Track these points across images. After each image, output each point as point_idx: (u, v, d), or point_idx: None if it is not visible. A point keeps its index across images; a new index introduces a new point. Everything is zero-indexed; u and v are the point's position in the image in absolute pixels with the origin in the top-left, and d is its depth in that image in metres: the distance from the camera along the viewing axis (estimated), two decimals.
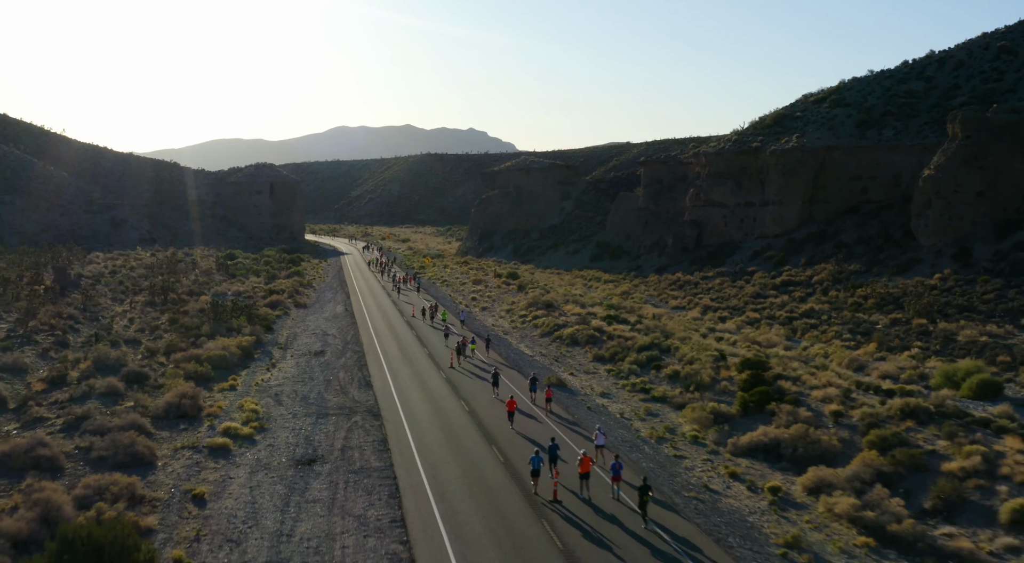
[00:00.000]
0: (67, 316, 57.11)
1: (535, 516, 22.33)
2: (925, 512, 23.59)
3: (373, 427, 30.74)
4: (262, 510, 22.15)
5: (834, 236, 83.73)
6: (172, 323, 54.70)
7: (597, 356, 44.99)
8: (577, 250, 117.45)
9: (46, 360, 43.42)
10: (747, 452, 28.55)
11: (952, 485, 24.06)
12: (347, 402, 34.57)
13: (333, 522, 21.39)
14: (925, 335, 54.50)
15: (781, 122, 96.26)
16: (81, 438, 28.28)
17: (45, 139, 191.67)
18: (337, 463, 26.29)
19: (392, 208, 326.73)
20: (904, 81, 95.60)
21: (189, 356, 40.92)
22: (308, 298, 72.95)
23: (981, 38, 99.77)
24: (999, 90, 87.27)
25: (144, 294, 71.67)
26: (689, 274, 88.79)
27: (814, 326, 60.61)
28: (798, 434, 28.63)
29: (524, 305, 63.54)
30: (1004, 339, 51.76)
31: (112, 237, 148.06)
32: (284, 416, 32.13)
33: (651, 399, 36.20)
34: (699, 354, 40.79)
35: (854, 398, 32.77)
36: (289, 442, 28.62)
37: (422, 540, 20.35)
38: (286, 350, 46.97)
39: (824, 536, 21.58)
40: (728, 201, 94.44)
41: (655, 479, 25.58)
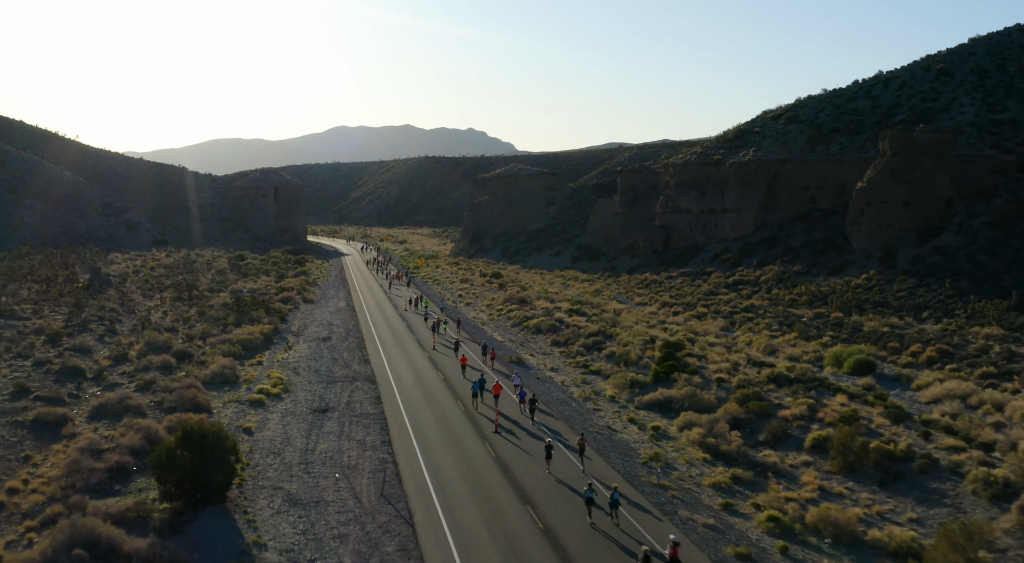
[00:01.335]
0: (109, 309, 66.97)
1: (468, 421, 34.22)
2: (759, 442, 33.43)
3: (370, 389, 40.62)
4: (292, 437, 32.00)
5: (784, 240, 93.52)
6: (201, 315, 64.55)
7: (555, 341, 54.86)
8: (560, 252, 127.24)
9: (103, 344, 53.18)
10: (647, 406, 38.40)
11: (780, 424, 33.92)
12: (350, 373, 44.46)
13: (342, 443, 31.25)
14: (839, 326, 64.28)
15: (742, 136, 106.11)
16: (153, 395, 38.09)
17: (61, 145, 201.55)
18: (343, 411, 36.15)
19: (391, 210, 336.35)
20: (853, 99, 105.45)
21: (222, 340, 50.78)
22: (314, 294, 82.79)
23: (924, 60, 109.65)
24: (935, 109, 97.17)
25: (170, 291, 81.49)
26: (656, 274, 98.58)
27: (750, 319, 70.38)
28: (687, 394, 38.45)
29: (502, 300, 73.44)
30: (902, 329, 61.61)
31: (127, 239, 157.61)
32: (302, 382, 41.99)
33: (589, 372, 46.08)
34: (633, 339, 50.65)
35: (739, 370, 42.61)
36: (307, 398, 38.48)
37: (401, 450, 30.36)
38: (299, 336, 56.81)
39: (678, 454, 31.44)
40: (693, 208, 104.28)
41: (574, 423, 35.39)
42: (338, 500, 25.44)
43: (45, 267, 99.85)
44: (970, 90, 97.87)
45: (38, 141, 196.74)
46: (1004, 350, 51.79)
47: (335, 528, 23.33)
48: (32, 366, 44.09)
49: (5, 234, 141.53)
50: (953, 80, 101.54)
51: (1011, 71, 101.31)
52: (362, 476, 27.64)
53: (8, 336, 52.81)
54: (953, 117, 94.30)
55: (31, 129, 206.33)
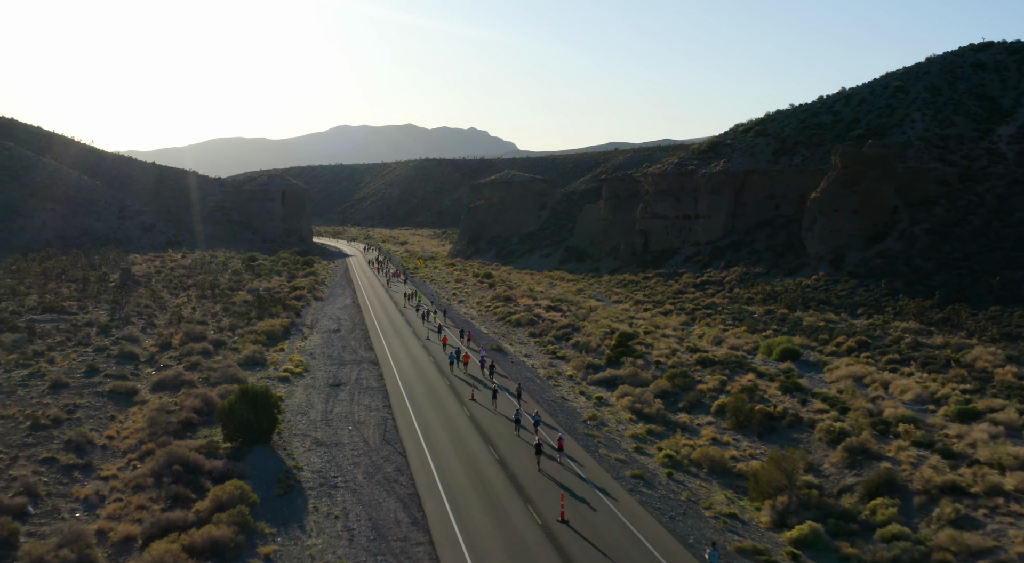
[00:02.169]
0: (144, 305, 76.36)
1: (445, 381, 44.26)
2: (679, 408, 42.68)
3: (373, 369, 49.97)
4: (314, 403, 41.33)
5: (750, 244, 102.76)
6: (225, 310, 73.89)
7: (531, 333, 64.20)
8: (550, 253, 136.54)
9: (146, 334, 62.46)
10: (597, 383, 47.71)
11: (696, 395, 43.21)
12: (357, 357, 53.80)
13: (352, 407, 40.58)
14: (783, 321, 73.49)
15: (714, 148, 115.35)
16: (200, 373, 47.41)
17: (77, 149, 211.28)
18: (353, 385, 45.49)
19: (392, 211, 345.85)
20: (816, 114, 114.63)
21: (248, 331, 60.13)
22: (323, 293, 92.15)
23: (884, 77, 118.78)
24: (890, 124, 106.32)
25: (193, 289, 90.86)
26: (634, 275, 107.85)
27: (709, 315, 79.60)
28: (629, 373, 47.73)
29: (490, 298, 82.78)
30: (835, 324, 70.73)
31: (142, 240, 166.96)
32: (318, 364, 51.33)
33: (556, 358, 55.39)
34: (595, 331, 59.95)
35: (676, 355, 51.89)
36: (324, 376, 47.82)
37: (398, 411, 39.85)
38: (312, 328, 66.14)
39: (612, 416, 40.73)
40: (669, 214, 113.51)
41: (534, 396, 44.65)
42: (351, 443, 34.78)
43: (74, 268, 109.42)
44: (922, 107, 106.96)
45: (55, 146, 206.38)
46: (913, 341, 61.02)
47: (350, 459, 32.65)
48: (94, 352, 53.43)
49: (29, 236, 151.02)
50: (908, 97, 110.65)
51: (961, 89, 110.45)
52: (368, 428, 36.99)
53: (65, 328, 62.26)
54: (905, 132, 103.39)
55: (48, 134, 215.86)
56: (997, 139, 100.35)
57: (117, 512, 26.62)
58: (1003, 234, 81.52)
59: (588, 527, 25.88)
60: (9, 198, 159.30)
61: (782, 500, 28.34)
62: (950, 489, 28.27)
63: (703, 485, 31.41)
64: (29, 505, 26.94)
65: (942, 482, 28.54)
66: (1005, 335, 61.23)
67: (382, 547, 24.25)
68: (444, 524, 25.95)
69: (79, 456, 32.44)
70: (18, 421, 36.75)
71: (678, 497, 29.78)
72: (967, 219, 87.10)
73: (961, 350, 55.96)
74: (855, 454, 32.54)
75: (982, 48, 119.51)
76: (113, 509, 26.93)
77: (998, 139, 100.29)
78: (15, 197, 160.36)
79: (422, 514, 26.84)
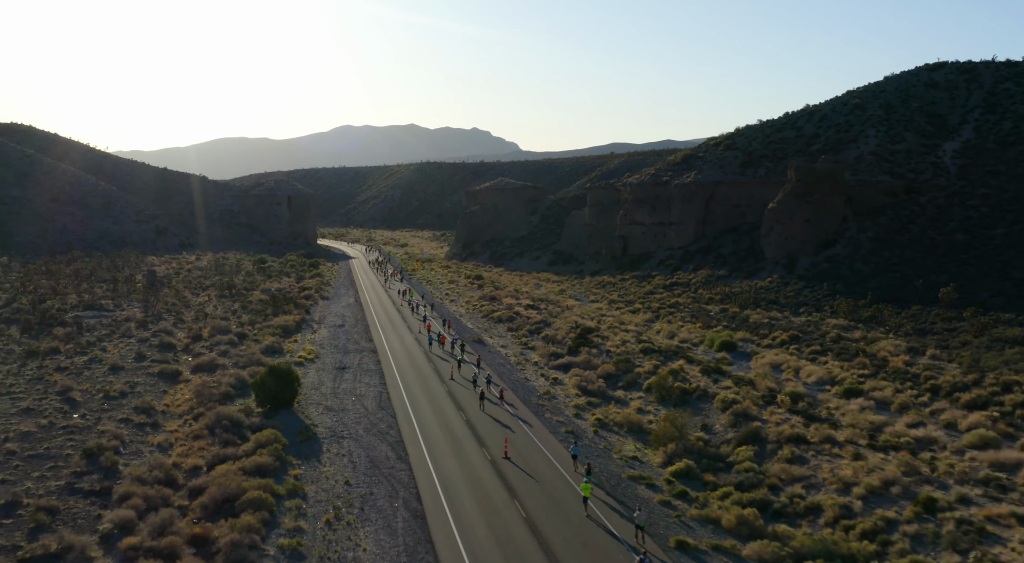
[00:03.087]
0: (171, 304, 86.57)
1: (431, 365, 53.88)
2: (618, 386, 52.74)
3: (373, 356, 60.17)
4: (324, 381, 51.50)
5: (717, 249, 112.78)
6: (243, 308, 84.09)
7: (509, 327, 74.35)
8: (539, 256, 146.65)
9: (178, 328, 72.63)
10: (556, 368, 57.82)
11: (633, 376, 53.30)
12: (359, 347, 64.00)
13: (355, 384, 50.77)
14: (733, 318, 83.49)
15: (688, 161, 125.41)
16: (230, 359, 57.58)
17: (94, 156, 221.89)
18: (356, 368, 55.66)
19: (394, 213, 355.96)
20: (781, 130, 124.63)
21: (266, 325, 70.33)
22: (328, 293, 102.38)
23: (845, 95, 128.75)
24: (846, 139, 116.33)
25: (212, 289, 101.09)
26: (613, 276, 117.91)
27: (671, 312, 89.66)
28: (584, 359, 57.82)
29: (477, 298, 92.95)
30: (777, 320, 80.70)
31: (157, 243, 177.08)
32: (327, 352, 61.51)
33: (527, 348, 65.56)
34: (563, 325, 70.08)
35: (626, 345, 61.99)
36: (331, 361, 58.00)
37: (391, 387, 50.07)
38: (320, 324, 76.34)
39: (562, 393, 50.87)
40: (646, 221, 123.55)
41: (502, 376, 54.72)
42: (354, 409, 44.98)
43: (100, 269, 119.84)
44: (876, 123, 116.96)
45: (72, 152, 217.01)
46: (836, 335, 70.94)
47: (353, 420, 42.83)
48: (137, 342, 63.66)
49: (52, 239, 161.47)
50: (864, 114, 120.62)
51: (913, 107, 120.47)
52: (368, 399, 47.19)
53: (107, 323, 72.55)
54: (859, 147, 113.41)
55: (65, 141, 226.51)
56: (942, 153, 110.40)
57: (184, 452, 36.76)
58: (937, 241, 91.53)
59: (523, 462, 36.08)
60: (32, 203, 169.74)
61: (672, 447, 38.42)
62: (795, 439, 38.37)
63: (620, 439, 41.54)
64: (120, 447, 37.10)
65: (790, 434, 38.65)
66: (918, 331, 71.19)
67: (376, 473, 34.42)
68: (420, 459, 36.15)
69: (147, 417, 42.65)
70: (93, 394, 46.99)
71: (598, 446, 39.93)
72: (908, 227, 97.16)
73: (872, 343, 66.06)
74: (738, 417, 42.64)
75: (936, 68, 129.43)
76: (180, 450, 37.08)
77: (943, 153, 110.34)
78: (37, 202, 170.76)
79: (405, 454, 37.04)
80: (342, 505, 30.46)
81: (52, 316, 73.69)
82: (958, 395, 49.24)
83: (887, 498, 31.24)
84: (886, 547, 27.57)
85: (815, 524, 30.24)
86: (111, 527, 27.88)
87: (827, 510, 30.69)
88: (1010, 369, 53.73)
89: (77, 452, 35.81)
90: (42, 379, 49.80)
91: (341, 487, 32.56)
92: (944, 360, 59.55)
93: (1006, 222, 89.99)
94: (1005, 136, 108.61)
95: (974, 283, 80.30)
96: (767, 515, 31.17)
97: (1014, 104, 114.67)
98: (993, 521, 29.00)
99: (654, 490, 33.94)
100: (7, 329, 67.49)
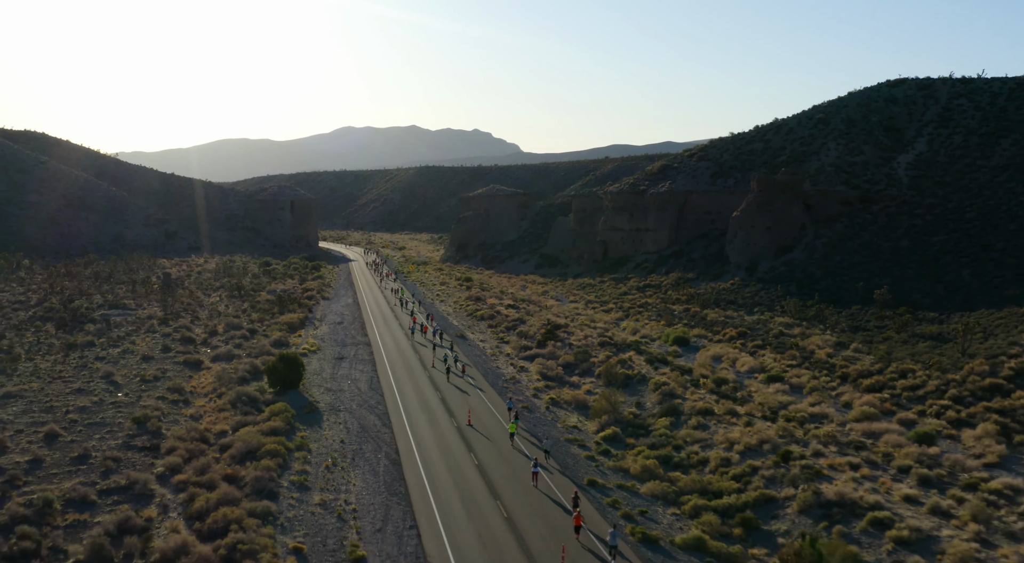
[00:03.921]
0: (187, 303, 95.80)
1: (417, 356, 62.90)
2: (575, 372, 61.84)
3: (367, 349, 69.41)
4: (325, 368, 60.77)
5: (688, 254, 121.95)
6: (252, 307, 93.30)
7: (490, 324, 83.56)
8: (527, 260, 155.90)
9: (195, 324, 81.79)
10: (525, 358, 67.00)
11: (588, 364, 62.41)
12: (355, 341, 73.25)
13: (351, 371, 60.04)
14: (693, 317, 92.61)
15: (663, 171, 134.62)
16: (244, 350, 66.79)
17: (104, 161, 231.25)
18: (352, 358, 64.91)
19: (394, 216, 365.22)
20: (750, 142, 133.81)
21: (273, 322, 79.56)
22: (329, 293, 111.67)
23: (811, 110, 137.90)
24: (809, 152, 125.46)
25: (222, 291, 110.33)
26: (593, 279, 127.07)
27: (640, 312, 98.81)
28: (549, 351, 66.98)
29: (464, 298, 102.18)
30: (732, 319, 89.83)
31: (166, 246, 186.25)
32: (327, 345, 70.74)
33: (503, 342, 74.75)
34: (536, 322, 79.31)
35: (587, 339, 71.18)
36: (331, 353, 67.24)
37: (381, 373, 59.45)
38: (322, 321, 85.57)
39: (526, 378, 60.09)
40: (625, 226, 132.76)
41: (478, 366, 63.84)
42: (349, 390, 54.18)
43: (117, 272, 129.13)
44: (837, 137, 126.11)
45: (84, 158, 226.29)
46: (778, 331, 79.97)
47: (348, 398, 52.04)
48: (161, 336, 72.87)
49: (67, 242, 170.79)
50: (827, 128, 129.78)
51: (873, 121, 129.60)
52: (361, 382, 56.43)
53: (131, 320, 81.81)
54: (820, 159, 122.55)
55: (78, 148, 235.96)
56: (896, 165, 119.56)
57: (212, 420, 45.94)
58: (883, 247, 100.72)
59: (483, 427, 45.33)
60: (49, 209, 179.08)
61: (605, 418, 47.59)
62: (704, 412, 47.56)
63: (567, 414, 50.76)
64: (160, 417, 46.29)
65: (701, 408, 47.85)
66: (853, 328, 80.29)
67: (365, 435, 43.64)
68: (401, 426, 45.43)
69: (179, 395, 51.88)
70: (131, 378, 56.22)
71: (547, 418, 49.16)
72: (859, 234, 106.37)
73: (807, 338, 75.21)
74: (665, 396, 51.83)
75: (896, 84, 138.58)
76: (209, 419, 46.26)
77: (897, 166, 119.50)
78: (53, 207, 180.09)
79: (389, 422, 46.30)
80: (338, 456, 39.69)
81: (82, 314, 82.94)
82: (862, 381, 58.60)
83: (759, 453, 40.41)
84: (746, 485, 36.71)
85: (702, 471, 39.40)
86: (163, 469, 37.07)
87: (712, 461, 39.86)
88: (914, 360, 63.05)
89: (127, 420, 45.02)
90: (86, 366, 59.06)
91: (337, 445, 41.80)
92: (864, 353, 68.70)
93: (946, 230, 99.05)
94: (955, 149, 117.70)
95: (911, 286, 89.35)
96: (668, 466, 40.31)
97: (965, 119, 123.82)
98: (833, 469, 38.16)
99: (584, 449, 43.13)
100: (43, 326, 76.76)
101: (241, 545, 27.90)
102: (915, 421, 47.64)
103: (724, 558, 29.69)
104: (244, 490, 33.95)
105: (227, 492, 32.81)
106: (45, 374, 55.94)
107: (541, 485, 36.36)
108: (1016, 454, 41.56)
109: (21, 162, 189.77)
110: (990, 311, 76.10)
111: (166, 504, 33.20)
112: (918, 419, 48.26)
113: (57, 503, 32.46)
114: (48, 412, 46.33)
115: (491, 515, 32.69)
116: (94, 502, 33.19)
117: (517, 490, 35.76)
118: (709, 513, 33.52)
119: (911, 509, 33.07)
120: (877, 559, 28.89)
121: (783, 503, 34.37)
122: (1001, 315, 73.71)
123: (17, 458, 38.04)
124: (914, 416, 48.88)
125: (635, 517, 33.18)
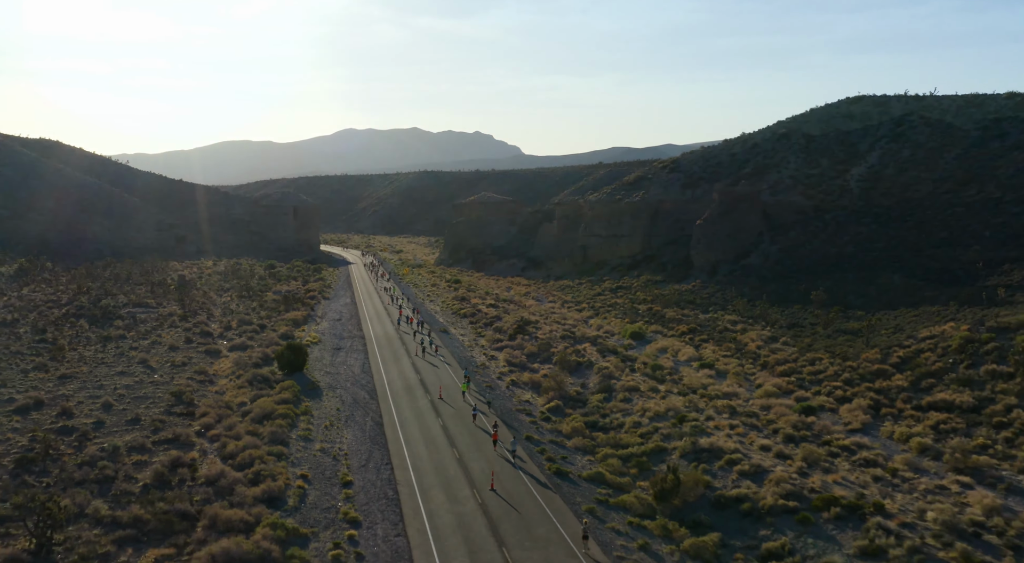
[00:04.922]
0: (201, 302, 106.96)
1: (404, 346, 74.03)
2: (538, 360, 72.83)
3: (361, 341, 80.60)
4: (325, 356, 71.93)
5: (659, 258, 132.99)
6: (260, 306, 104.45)
7: (471, 321, 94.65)
8: (514, 263, 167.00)
9: (211, 321, 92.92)
10: (497, 349, 78.08)
11: (548, 354, 73.46)
12: (352, 335, 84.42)
13: (347, 359, 71.22)
14: (655, 315, 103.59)
15: (638, 182, 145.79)
16: (256, 342, 77.90)
17: (116, 168, 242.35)
18: (348, 349, 76.09)
19: (393, 219, 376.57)
20: (718, 155, 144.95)
21: (280, 319, 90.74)
22: (329, 294, 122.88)
23: (775, 125, 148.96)
24: (771, 164, 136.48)
25: (232, 291, 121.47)
26: (572, 281, 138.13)
27: (608, 311, 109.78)
28: (518, 343, 78.02)
29: (452, 298, 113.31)
30: (688, 316, 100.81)
31: (176, 250, 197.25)
32: (327, 338, 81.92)
33: (479, 336, 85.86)
34: (511, 319, 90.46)
35: (552, 333, 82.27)
36: (331, 344, 78.41)
37: (372, 360, 70.67)
38: (323, 318, 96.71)
39: (495, 364, 71.24)
40: (603, 233, 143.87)
41: (456, 355, 74.90)
42: (345, 373, 65.34)
43: (134, 274, 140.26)
44: (797, 151, 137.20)
45: (96, 165, 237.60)
46: (723, 327, 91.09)
47: (344, 379, 63.17)
48: (183, 331, 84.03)
49: (84, 247, 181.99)
50: (789, 142, 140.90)
51: (831, 136, 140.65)
52: (355, 368, 67.60)
53: (154, 317, 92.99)
54: (780, 171, 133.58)
55: (90, 155, 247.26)
56: (849, 177, 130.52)
57: (234, 394, 57.02)
58: (830, 253, 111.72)
59: (452, 400, 56.53)
60: (66, 215, 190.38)
61: (552, 394, 58.66)
62: (631, 389, 58.62)
63: (523, 391, 61.89)
64: (192, 392, 57.38)
65: (629, 385, 58.93)
66: (790, 324, 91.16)
67: (356, 406, 54.82)
68: (385, 399, 56.68)
69: (204, 376, 63.03)
70: (163, 363, 67.39)
71: (506, 394, 60.31)
72: (811, 241, 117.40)
73: (745, 332, 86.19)
74: (604, 377, 62.92)
75: (855, 101, 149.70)
76: (231, 394, 57.35)
77: (850, 177, 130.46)
78: (70, 213, 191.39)
79: (376, 396, 57.52)
80: (334, 419, 50.87)
81: (111, 311, 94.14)
82: (777, 367, 69.64)
83: (665, 418, 51.50)
84: (647, 440, 47.77)
85: (618, 431, 50.46)
86: (199, 427, 48.21)
87: (626, 424, 50.95)
88: (826, 351, 74.07)
89: (166, 394, 56.17)
90: (123, 355, 70.24)
91: (334, 411, 52.99)
92: (790, 345, 79.70)
93: (886, 237, 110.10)
94: (903, 162, 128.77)
95: (848, 288, 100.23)
96: (594, 429, 51.35)
97: (915, 134, 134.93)
98: (717, 429, 49.22)
99: (529, 417, 54.29)
100: (77, 322, 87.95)
101: (264, 472, 39.01)
102: (808, 398, 58.58)
103: (615, 486, 40.74)
104: (263, 439, 45.05)
105: (250, 441, 43.92)
106: (90, 360, 67.15)
107: (479, 422, 49.99)
108: (878, 423, 52.59)
109: (40, 171, 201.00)
110: (908, 310, 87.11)
111: (204, 449, 44.33)
112: (811, 397, 59.20)
113: (123, 449, 43.58)
114: (100, 389, 57.48)
115: (444, 450, 44.42)
116: (150, 449, 44.29)
117: (462, 429, 48.62)
118: (614, 459, 44.57)
119: (762, 455, 44.14)
120: (724, 484, 39.94)
121: (671, 452, 45.43)
122: (916, 313, 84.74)
123: (84, 421, 49.15)
124: (809, 395, 59.86)
125: (556, 460, 44.25)
